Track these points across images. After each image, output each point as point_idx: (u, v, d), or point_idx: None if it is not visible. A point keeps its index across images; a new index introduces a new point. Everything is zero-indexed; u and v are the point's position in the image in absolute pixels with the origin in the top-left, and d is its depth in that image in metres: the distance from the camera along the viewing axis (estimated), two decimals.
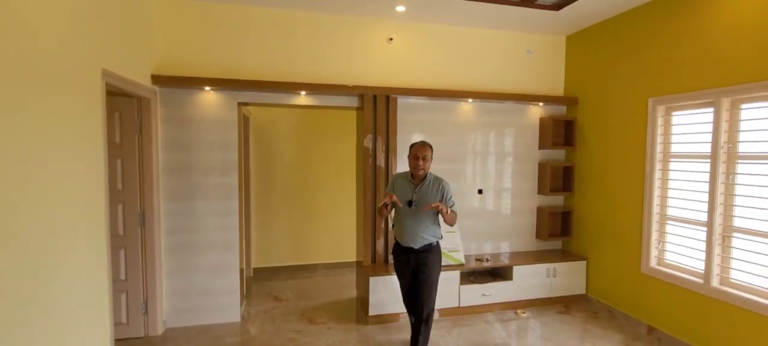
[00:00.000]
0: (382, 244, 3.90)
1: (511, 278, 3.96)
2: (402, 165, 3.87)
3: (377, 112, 3.80)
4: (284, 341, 3.31)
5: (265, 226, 5.05)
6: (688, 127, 3.22)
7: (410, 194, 2.87)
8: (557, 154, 4.45)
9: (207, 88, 3.47)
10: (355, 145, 4.40)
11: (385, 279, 3.63)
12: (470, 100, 4.12)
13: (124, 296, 3.24)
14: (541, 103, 4.28)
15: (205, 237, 3.53)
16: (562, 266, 4.11)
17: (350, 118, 4.80)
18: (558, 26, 4.10)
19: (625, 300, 3.74)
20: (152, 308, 3.33)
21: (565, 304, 4.13)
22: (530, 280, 4.01)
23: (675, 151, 3.33)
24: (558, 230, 4.45)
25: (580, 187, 4.27)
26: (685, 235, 3.24)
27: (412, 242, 2.87)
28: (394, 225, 3.01)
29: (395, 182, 3.00)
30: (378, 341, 3.34)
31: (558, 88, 4.45)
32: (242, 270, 3.84)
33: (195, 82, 3.34)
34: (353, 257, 5.19)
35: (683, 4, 3.15)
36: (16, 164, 1.72)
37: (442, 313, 3.78)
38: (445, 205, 2.79)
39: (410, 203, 2.85)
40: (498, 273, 4.13)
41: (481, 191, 4.27)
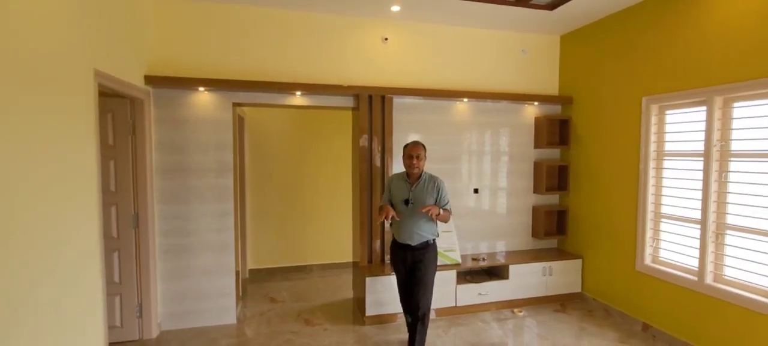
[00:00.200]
0: (379, 244, 3.90)
1: (507, 277, 3.97)
2: (398, 165, 3.87)
3: (373, 112, 3.80)
4: (280, 343, 3.29)
5: (260, 227, 5.02)
6: (682, 126, 3.25)
7: (406, 192, 2.95)
8: (552, 154, 4.47)
9: (201, 89, 3.44)
10: (351, 146, 4.39)
11: (381, 279, 3.62)
12: (465, 100, 4.13)
13: (118, 298, 3.21)
14: (536, 103, 4.30)
15: (200, 239, 3.51)
16: (557, 265, 4.13)
17: (346, 119, 4.79)
18: (552, 26, 4.12)
19: (620, 298, 3.76)
20: (147, 311, 3.30)
21: (561, 302, 4.15)
22: (526, 279, 4.03)
23: (668, 150, 3.36)
24: (553, 229, 4.47)
25: (575, 186, 4.29)
26: (679, 232, 3.26)
27: (409, 239, 2.94)
28: (392, 224, 3.08)
29: (391, 182, 3.10)
30: (375, 342, 3.33)
31: (553, 88, 4.47)
32: (238, 272, 3.82)
33: (189, 83, 3.31)
34: (349, 258, 5.18)
35: (676, 4, 3.18)
36: (6, 165, 1.69)
37: (439, 313, 3.78)
38: (440, 203, 2.91)
39: (407, 202, 2.93)
40: (494, 272, 4.14)
41: (476, 191, 4.28)
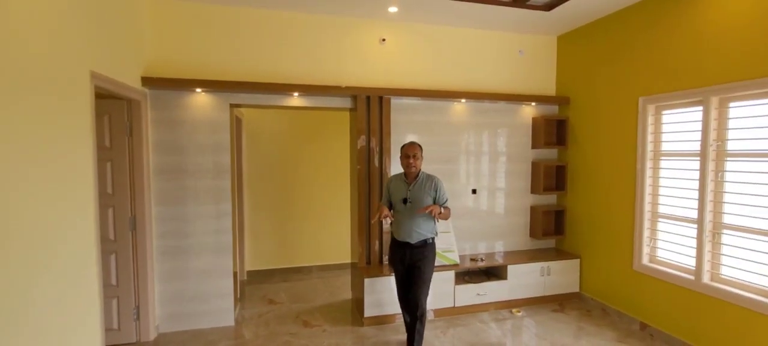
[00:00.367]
0: (377, 245, 3.89)
1: (505, 278, 3.98)
2: (396, 166, 3.87)
3: (371, 113, 3.80)
4: (279, 345, 3.28)
5: (258, 228, 5.01)
6: (678, 126, 3.27)
7: (405, 192, 3.03)
8: (550, 154, 4.48)
9: (198, 90, 3.43)
10: (349, 147, 4.39)
11: (380, 280, 3.62)
12: (463, 101, 4.14)
13: (115, 301, 3.19)
14: (534, 103, 4.31)
15: (198, 241, 3.49)
16: (555, 265, 4.13)
17: (344, 120, 4.78)
18: (549, 26, 4.14)
19: (618, 298, 3.77)
20: (144, 314, 3.28)
21: (559, 302, 4.16)
22: (524, 279, 4.03)
23: (665, 150, 3.37)
24: (551, 229, 4.48)
25: (573, 186, 4.30)
26: (676, 232, 3.28)
27: (408, 237, 3.00)
28: (392, 223, 3.16)
29: (390, 183, 3.17)
30: (373, 343, 3.33)
31: (550, 88, 4.48)
32: (236, 273, 3.80)
33: (186, 84, 3.30)
34: (348, 259, 5.18)
35: (672, 4, 3.19)
36: (1, 168, 1.68)
37: (437, 313, 3.78)
38: (439, 201, 2.99)
39: (405, 201, 2.99)
40: (492, 273, 4.14)
41: (474, 191, 4.28)
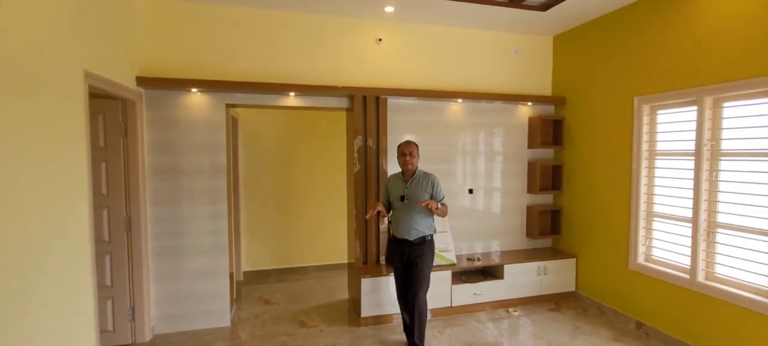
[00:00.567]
0: (374, 245, 3.89)
1: (502, 277, 3.99)
2: (393, 165, 3.87)
3: (367, 113, 3.79)
4: (275, 345, 3.27)
5: (255, 229, 4.99)
6: (673, 126, 3.28)
7: (402, 189, 3.10)
8: (546, 154, 4.50)
9: (194, 90, 3.41)
10: (346, 147, 4.39)
11: (377, 280, 3.62)
12: (460, 101, 4.14)
13: (109, 302, 3.17)
14: (530, 103, 4.32)
15: (194, 241, 3.48)
16: (552, 264, 4.15)
17: (340, 120, 4.77)
18: (545, 27, 4.15)
19: (613, 296, 3.79)
20: (139, 315, 3.26)
21: (555, 301, 4.17)
22: (521, 278, 4.04)
23: (660, 149, 3.39)
24: (548, 229, 4.49)
25: (569, 185, 4.32)
26: (672, 231, 3.29)
27: (407, 234, 3.05)
28: (390, 221, 3.21)
29: (388, 182, 3.24)
30: (370, 343, 3.32)
31: (546, 88, 4.50)
32: (232, 274, 3.79)
33: (181, 84, 3.29)
34: (345, 259, 5.17)
35: (667, 5, 3.21)
36: None
37: (435, 313, 3.78)
38: (436, 197, 3.03)
39: (403, 198, 3.06)
40: (489, 272, 4.15)
41: (471, 191, 4.29)
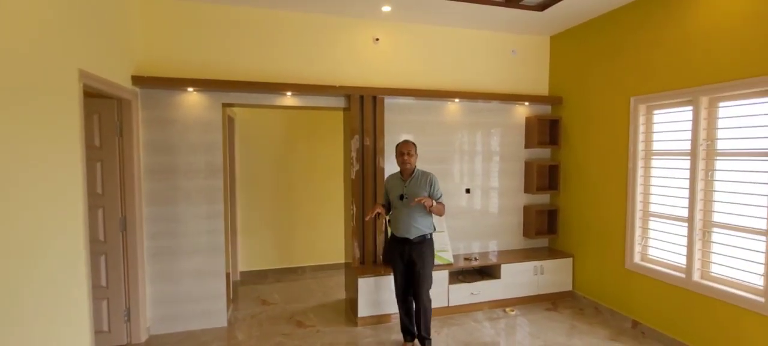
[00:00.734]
0: (371, 245, 3.88)
1: (499, 277, 3.99)
2: (390, 165, 3.86)
3: (364, 112, 3.78)
4: (272, 345, 3.27)
5: (251, 228, 4.98)
6: (669, 125, 3.30)
7: (401, 188, 3.11)
8: (543, 153, 4.51)
9: (190, 89, 3.40)
10: (343, 146, 4.38)
11: (374, 280, 3.61)
12: (457, 100, 4.14)
13: (105, 303, 3.15)
14: (527, 103, 4.33)
15: (190, 241, 3.46)
16: (548, 264, 4.16)
17: (337, 119, 4.77)
18: (542, 27, 4.16)
19: (610, 296, 3.80)
20: (135, 315, 3.24)
21: (552, 301, 4.18)
22: (518, 278, 4.05)
23: (656, 149, 3.41)
24: (545, 228, 4.50)
25: (566, 185, 4.33)
26: (668, 231, 3.31)
27: (407, 232, 3.06)
28: (390, 220, 3.22)
29: (387, 182, 3.26)
30: (367, 343, 3.32)
31: (543, 88, 4.51)
32: (228, 274, 3.77)
33: (177, 83, 3.27)
34: (342, 259, 5.16)
35: (663, 5, 3.22)
36: None
37: (433, 313, 3.77)
38: (433, 196, 3.06)
39: (402, 197, 3.08)
40: (486, 272, 4.16)
41: (468, 191, 4.29)
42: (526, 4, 3.60)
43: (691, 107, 3.05)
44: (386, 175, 3.79)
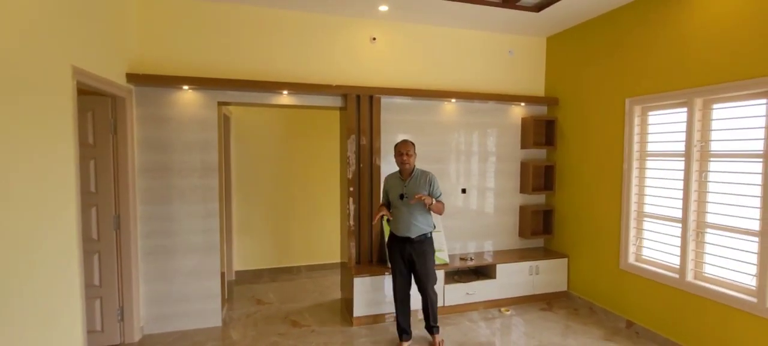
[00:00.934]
0: (367, 244, 3.88)
1: (494, 277, 4.00)
2: (386, 165, 3.87)
3: (361, 112, 3.78)
4: (267, 345, 3.24)
5: (247, 228, 4.96)
6: (664, 127, 3.32)
7: (401, 188, 3.15)
8: (539, 154, 4.52)
9: (185, 87, 3.37)
10: (339, 146, 4.37)
11: (370, 280, 3.61)
12: (453, 101, 4.15)
13: (98, 302, 3.12)
14: (523, 104, 4.34)
15: (185, 240, 3.44)
16: (544, 264, 4.17)
17: (334, 119, 4.76)
18: (539, 28, 4.17)
19: (604, 296, 3.82)
20: (128, 315, 3.22)
21: (547, 301, 4.19)
22: (513, 278, 4.06)
23: (651, 150, 3.43)
24: (540, 229, 4.52)
25: (561, 186, 4.35)
26: (662, 231, 3.33)
27: (408, 231, 3.10)
28: (389, 220, 3.26)
29: (387, 182, 3.28)
30: (362, 343, 3.31)
31: (539, 89, 4.52)
32: (223, 273, 3.75)
33: (173, 81, 3.24)
34: (337, 259, 5.15)
35: (658, 7, 3.25)
36: None
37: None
38: (433, 195, 3.09)
39: (402, 196, 3.11)
40: (482, 272, 4.16)
41: (464, 191, 4.30)
42: (522, 5, 3.61)
43: (685, 109, 3.08)
44: (382, 174, 3.79)
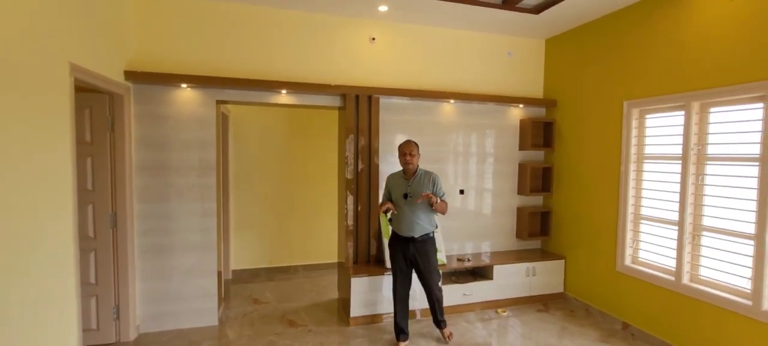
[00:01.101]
0: (365, 244, 3.88)
1: (491, 278, 4.01)
2: (384, 165, 3.87)
3: (359, 112, 3.78)
4: (263, 345, 3.24)
5: (244, 227, 4.94)
6: (661, 130, 3.33)
7: (404, 187, 3.18)
8: (537, 155, 4.53)
9: (184, 85, 3.36)
10: (337, 146, 4.37)
11: (367, 280, 3.61)
12: (452, 102, 4.15)
13: (94, 300, 3.10)
14: (521, 105, 4.35)
15: (182, 239, 3.42)
16: (541, 266, 4.18)
17: (332, 118, 4.76)
18: (538, 30, 4.18)
19: (601, 298, 3.83)
20: (124, 313, 3.20)
21: (544, 302, 4.20)
22: (510, 279, 4.07)
23: (648, 153, 3.44)
24: (537, 230, 4.53)
25: (559, 187, 4.36)
26: (658, 234, 3.34)
27: (411, 231, 3.14)
28: (392, 219, 3.27)
29: (390, 181, 3.30)
30: (359, 343, 3.31)
31: (537, 91, 4.53)
32: (220, 272, 3.74)
33: (171, 79, 3.23)
34: (335, 258, 5.15)
35: (657, 11, 3.26)
36: None
37: (424, 313, 3.78)
38: (436, 194, 3.12)
39: (405, 196, 3.14)
40: (479, 273, 4.17)
41: (462, 192, 4.30)
42: (522, 7, 3.62)
43: (682, 112, 3.09)
44: (381, 174, 3.80)
